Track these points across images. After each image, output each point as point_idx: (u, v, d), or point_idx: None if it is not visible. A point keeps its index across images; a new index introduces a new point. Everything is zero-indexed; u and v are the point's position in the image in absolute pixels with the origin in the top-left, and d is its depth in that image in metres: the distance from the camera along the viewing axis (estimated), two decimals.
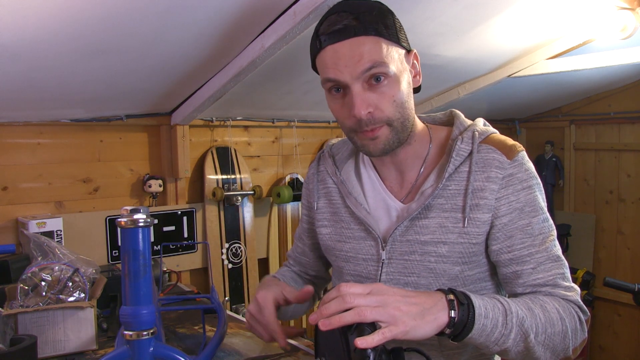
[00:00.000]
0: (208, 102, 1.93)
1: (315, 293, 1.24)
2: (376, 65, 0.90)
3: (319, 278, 1.28)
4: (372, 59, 0.90)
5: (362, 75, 0.91)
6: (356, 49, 0.90)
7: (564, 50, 2.28)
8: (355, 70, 0.90)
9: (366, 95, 0.92)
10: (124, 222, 0.79)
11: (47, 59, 1.45)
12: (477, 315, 0.81)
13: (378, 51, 0.91)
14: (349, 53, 0.90)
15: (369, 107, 0.92)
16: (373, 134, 0.95)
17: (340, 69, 0.91)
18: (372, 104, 0.92)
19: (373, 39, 0.91)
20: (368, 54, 0.90)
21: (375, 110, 0.93)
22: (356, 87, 0.92)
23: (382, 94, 0.93)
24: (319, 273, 1.27)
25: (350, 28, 0.90)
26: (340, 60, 0.91)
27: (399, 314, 0.76)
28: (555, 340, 0.89)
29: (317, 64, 0.97)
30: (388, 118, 0.94)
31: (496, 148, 0.98)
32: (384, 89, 0.93)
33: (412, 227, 1.00)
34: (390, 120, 0.95)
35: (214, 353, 1.18)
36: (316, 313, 0.77)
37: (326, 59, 0.93)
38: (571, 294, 0.95)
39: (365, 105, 0.92)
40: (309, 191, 1.19)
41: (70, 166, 2.00)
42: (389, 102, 0.93)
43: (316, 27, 0.96)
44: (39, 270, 1.30)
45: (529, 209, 0.96)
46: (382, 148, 0.97)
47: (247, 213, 2.44)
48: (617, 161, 3.37)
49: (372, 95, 0.92)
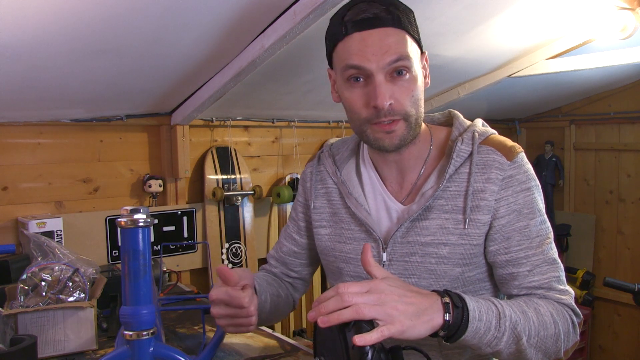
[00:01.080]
0: (208, 102, 1.93)
1: (290, 296, 1.22)
2: (402, 59, 0.92)
3: (300, 280, 1.25)
4: (399, 52, 0.91)
5: (388, 66, 0.91)
6: (385, 39, 0.91)
7: (564, 50, 2.28)
8: (383, 60, 0.91)
9: (388, 86, 0.93)
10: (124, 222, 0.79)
11: (47, 59, 1.45)
12: (471, 318, 0.82)
13: (404, 45, 0.92)
14: (378, 42, 0.91)
15: (390, 99, 0.92)
16: (390, 127, 0.95)
17: (368, 57, 0.91)
18: (393, 96, 0.93)
19: (401, 33, 0.92)
20: (396, 45, 0.91)
21: (395, 103, 0.93)
22: (380, 77, 0.92)
23: (402, 88, 0.94)
24: (301, 275, 1.24)
25: (381, 18, 0.91)
26: (367, 48, 0.91)
27: (396, 313, 0.76)
28: (548, 343, 0.90)
29: (338, 50, 0.96)
30: (406, 112, 0.95)
31: (496, 149, 0.99)
32: (404, 83, 0.94)
33: (412, 229, 1.00)
34: (407, 115, 0.95)
35: (214, 353, 1.18)
36: (314, 310, 0.77)
37: (352, 45, 0.92)
38: (565, 297, 0.96)
39: (387, 96, 0.92)
40: (306, 189, 1.18)
41: (70, 166, 2.00)
42: (408, 96, 0.94)
43: (339, 14, 0.95)
44: (39, 270, 1.30)
45: (527, 210, 0.97)
46: (397, 143, 0.97)
47: (247, 213, 2.44)
48: (617, 161, 3.37)
49: (393, 87, 0.93)
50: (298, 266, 1.23)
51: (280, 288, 1.19)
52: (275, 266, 1.25)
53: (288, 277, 1.24)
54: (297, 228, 1.22)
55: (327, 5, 1.30)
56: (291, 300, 1.24)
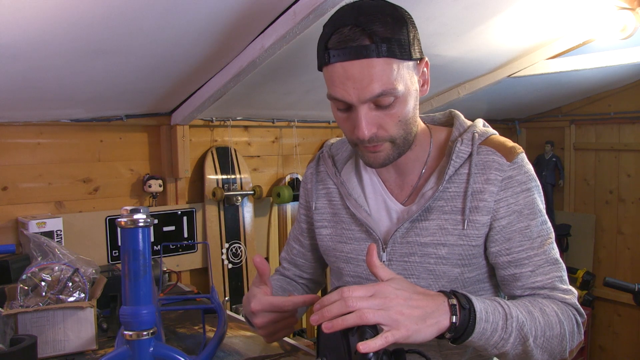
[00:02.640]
0: (208, 102, 1.93)
1: None
2: (385, 93, 0.88)
3: (314, 282, 1.26)
4: (382, 86, 0.87)
5: (370, 100, 0.89)
6: (366, 72, 0.86)
7: (564, 50, 2.28)
8: (364, 94, 0.88)
9: (372, 115, 0.90)
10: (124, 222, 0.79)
11: (47, 59, 1.45)
12: (478, 319, 0.81)
13: (388, 75, 0.87)
14: (359, 75, 0.86)
15: (372, 128, 0.91)
16: (375, 149, 0.95)
17: (348, 91, 0.88)
18: (376, 124, 0.91)
19: (385, 61, 0.86)
20: (378, 78, 0.87)
21: (379, 130, 0.92)
22: (363, 109, 0.89)
23: (388, 115, 0.91)
24: (314, 276, 1.25)
25: (362, 48, 0.85)
26: (348, 81, 0.87)
27: (402, 318, 0.75)
28: (553, 343, 0.89)
29: (324, 74, 0.94)
30: (391, 137, 0.94)
31: (496, 150, 0.98)
32: (390, 110, 0.91)
33: (412, 229, 1.00)
34: (393, 138, 0.94)
35: (214, 353, 1.18)
36: (318, 314, 0.76)
37: (334, 76, 0.89)
38: (569, 297, 0.95)
39: (369, 127, 0.90)
40: (307, 191, 1.19)
41: (70, 166, 2.00)
42: (394, 122, 0.92)
43: (324, 36, 0.90)
44: (38, 270, 1.30)
45: (528, 211, 0.96)
46: (381, 162, 0.97)
47: (247, 213, 2.44)
48: (617, 161, 3.37)
49: (378, 115, 0.91)
50: (309, 268, 1.24)
51: (295, 292, 1.20)
52: (288, 268, 1.26)
53: (302, 279, 1.25)
54: (300, 230, 1.23)
55: (327, 5, 1.30)
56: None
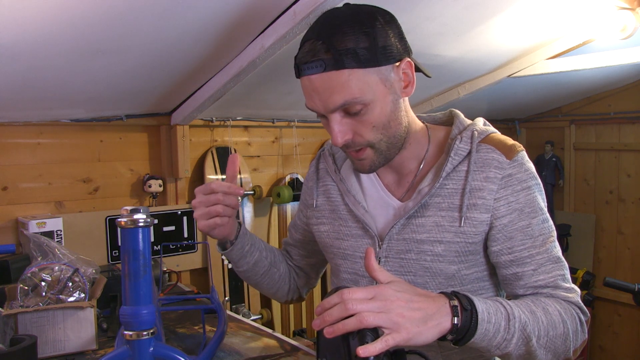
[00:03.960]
0: (208, 102, 1.93)
1: (292, 279, 1.27)
2: (348, 103, 0.91)
3: (299, 269, 1.29)
4: (343, 97, 0.90)
5: (336, 109, 0.92)
6: (327, 84, 0.89)
7: (564, 50, 2.28)
8: (328, 105, 0.91)
9: (344, 122, 0.94)
10: (124, 222, 0.79)
11: (47, 59, 1.45)
12: (480, 320, 0.81)
13: (351, 86, 0.89)
14: (321, 87, 0.90)
15: (346, 135, 0.94)
16: (358, 155, 0.97)
17: (315, 102, 0.93)
18: (350, 131, 0.94)
19: (346, 72, 0.88)
20: (339, 90, 0.89)
21: (354, 136, 0.95)
22: (334, 117, 0.93)
23: (360, 122, 0.94)
24: (300, 264, 1.29)
25: (321, 62, 0.88)
26: (314, 93, 0.92)
27: (402, 321, 0.75)
28: (557, 343, 0.89)
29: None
30: (369, 142, 0.95)
31: (495, 148, 0.98)
32: (362, 117, 0.93)
33: (408, 226, 1.00)
34: (372, 143, 0.96)
35: (214, 353, 1.18)
36: (319, 319, 0.76)
37: (304, 88, 0.95)
38: (572, 295, 0.95)
39: (342, 134, 0.94)
40: (308, 189, 1.21)
41: (70, 166, 2.00)
42: (368, 128, 0.94)
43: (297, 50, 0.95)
44: (39, 270, 1.30)
45: (529, 209, 0.96)
46: (368, 168, 1.00)
47: (247, 213, 2.44)
48: (617, 161, 3.37)
49: (350, 122, 0.94)
50: (296, 255, 1.29)
51: (283, 263, 1.25)
52: (284, 249, 1.33)
53: (290, 262, 1.29)
54: (294, 223, 1.28)
55: (327, 5, 1.30)
56: (294, 283, 1.28)
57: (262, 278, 1.20)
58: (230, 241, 1.13)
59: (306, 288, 1.31)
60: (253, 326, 1.43)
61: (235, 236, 1.13)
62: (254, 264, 1.17)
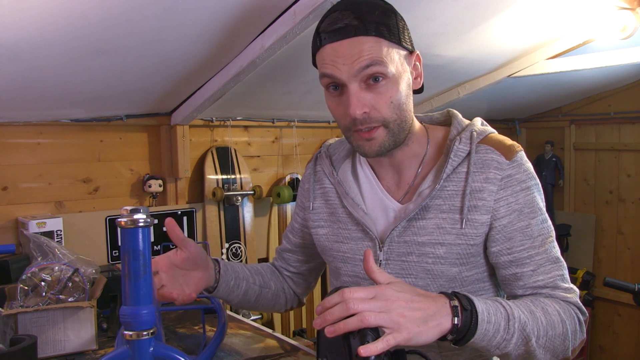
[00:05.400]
0: (208, 102, 1.93)
1: (287, 290, 1.25)
2: (374, 64, 0.90)
3: (299, 275, 1.27)
4: (370, 57, 0.89)
5: (360, 73, 0.90)
6: (355, 48, 0.89)
7: (564, 50, 2.28)
8: (353, 67, 0.90)
9: (362, 94, 0.91)
10: (124, 222, 0.79)
11: (47, 59, 1.45)
12: (480, 320, 0.81)
13: (377, 51, 0.90)
14: (348, 52, 0.90)
15: (364, 107, 0.91)
16: (369, 134, 0.94)
17: (339, 67, 0.91)
18: (368, 104, 0.92)
19: (373, 39, 0.90)
20: (367, 52, 0.89)
21: (371, 110, 0.92)
22: (353, 86, 0.91)
23: (379, 95, 0.92)
24: (299, 270, 1.26)
25: (351, 27, 0.89)
26: (338, 59, 0.90)
27: (403, 321, 0.75)
28: (556, 342, 0.89)
29: (316, 60, 0.97)
30: (384, 119, 0.93)
31: (495, 148, 0.98)
32: (381, 89, 0.92)
33: (409, 228, 0.99)
34: (387, 122, 0.94)
35: (214, 353, 1.18)
36: (320, 318, 0.76)
37: (325, 56, 0.92)
38: (571, 295, 0.95)
39: (361, 105, 0.91)
40: (304, 191, 1.19)
41: (70, 166, 2.00)
42: (386, 103, 0.93)
43: (318, 24, 0.95)
44: (38, 270, 1.30)
45: (528, 210, 0.96)
46: (377, 150, 0.96)
47: (247, 213, 2.44)
48: (617, 161, 3.37)
49: (368, 95, 0.92)
50: (295, 262, 1.26)
51: (273, 280, 1.22)
52: (277, 259, 1.29)
53: (287, 272, 1.27)
54: (292, 228, 1.25)
55: (327, 5, 1.30)
56: (290, 293, 1.26)
57: (255, 302, 1.18)
58: (212, 286, 1.08)
59: (305, 293, 1.30)
60: (253, 326, 1.43)
61: (215, 279, 1.08)
62: (243, 294, 1.14)
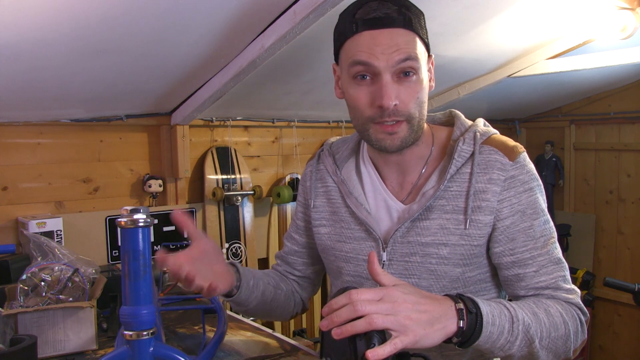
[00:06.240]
0: (208, 102, 1.93)
1: (295, 293, 1.23)
2: (410, 58, 0.91)
3: (305, 279, 1.26)
4: (408, 52, 0.91)
5: (397, 65, 0.91)
6: (395, 39, 0.91)
7: (564, 50, 2.28)
8: (391, 58, 0.91)
9: (394, 86, 0.93)
10: (124, 222, 0.79)
11: (47, 59, 1.45)
12: (485, 323, 0.81)
13: (414, 46, 0.92)
14: (388, 42, 0.91)
15: (396, 99, 0.92)
16: (392, 128, 0.94)
17: (377, 55, 0.91)
18: (398, 97, 0.93)
19: (411, 34, 0.92)
20: (405, 46, 0.91)
21: (400, 104, 0.93)
22: (387, 76, 0.92)
23: (408, 89, 0.93)
24: (305, 273, 1.25)
25: (393, 18, 0.91)
26: (377, 47, 0.91)
27: (410, 323, 0.75)
28: (558, 343, 0.90)
29: (346, 47, 0.96)
30: (410, 114, 0.94)
31: (498, 149, 0.98)
32: (411, 84, 0.93)
33: (413, 229, 0.99)
34: (411, 117, 0.95)
35: (214, 353, 1.18)
36: (327, 320, 0.76)
37: (361, 43, 0.92)
38: (572, 296, 0.96)
39: (393, 96, 0.92)
40: (305, 189, 1.18)
41: (70, 166, 2.00)
42: (413, 98, 0.94)
43: (350, 11, 0.95)
44: (38, 270, 1.30)
45: (531, 211, 0.96)
46: (398, 145, 0.96)
47: (247, 213, 2.44)
48: (617, 161, 3.37)
49: (399, 88, 0.93)
50: (301, 265, 1.24)
51: (282, 282, 1.20)
52: (280, 265, 1.26)
53: (293, 276, 1.25)
54: (296, 227, 1.23)
55: (327, 5, 1.30)
56: (297, 297, 1.24)
57: (271, 304, 1.15)
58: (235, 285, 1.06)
59: (309, 295, 1.29)
60: (253, 326, 1.42)
61: (237, 277, 1.06)
62: (262, 294, 1.11)
